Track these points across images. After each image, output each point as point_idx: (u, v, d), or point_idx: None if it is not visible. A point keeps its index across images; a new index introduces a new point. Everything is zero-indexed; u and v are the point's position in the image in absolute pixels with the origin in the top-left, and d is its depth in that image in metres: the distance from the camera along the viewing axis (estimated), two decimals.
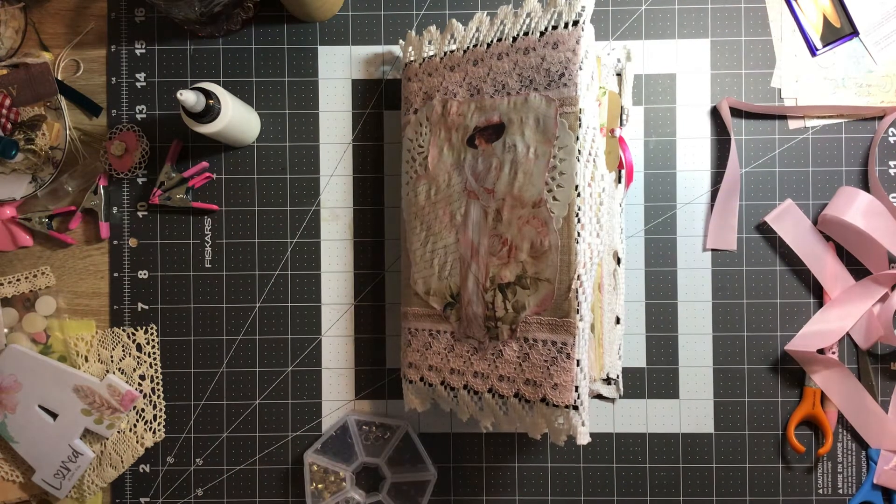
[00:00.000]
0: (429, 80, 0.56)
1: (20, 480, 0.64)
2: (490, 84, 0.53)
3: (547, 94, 0.50)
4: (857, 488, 0.62)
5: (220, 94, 0.55)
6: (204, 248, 0.63)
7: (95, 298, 0.64)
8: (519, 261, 0.50)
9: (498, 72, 0.53)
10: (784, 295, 0.62)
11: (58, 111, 0.63)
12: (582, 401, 0.48)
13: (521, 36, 0.52)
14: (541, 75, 0.50)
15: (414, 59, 0.57)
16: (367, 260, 0.63)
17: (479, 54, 0.54)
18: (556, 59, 0.50)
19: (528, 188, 0.50)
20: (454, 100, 0.55)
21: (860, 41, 0.62)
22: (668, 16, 0.62)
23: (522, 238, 0.50)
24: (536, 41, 0.51)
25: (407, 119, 0.57)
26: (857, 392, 0.60)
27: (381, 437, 0.61)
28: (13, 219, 0.63)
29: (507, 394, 0.51)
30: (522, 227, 0.50)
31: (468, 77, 0.54)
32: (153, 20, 0.64)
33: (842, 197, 0.60)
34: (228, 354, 0.63)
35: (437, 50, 0.56)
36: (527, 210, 0.50)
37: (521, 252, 0.50)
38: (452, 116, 0.55)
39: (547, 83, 0.50)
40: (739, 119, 0.62)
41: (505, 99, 0.52)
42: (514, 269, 0.51)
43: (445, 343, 0.54)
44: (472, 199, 0.53)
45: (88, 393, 0.62)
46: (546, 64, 0.50)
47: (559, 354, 0.48)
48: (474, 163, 0.53)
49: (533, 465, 0.62)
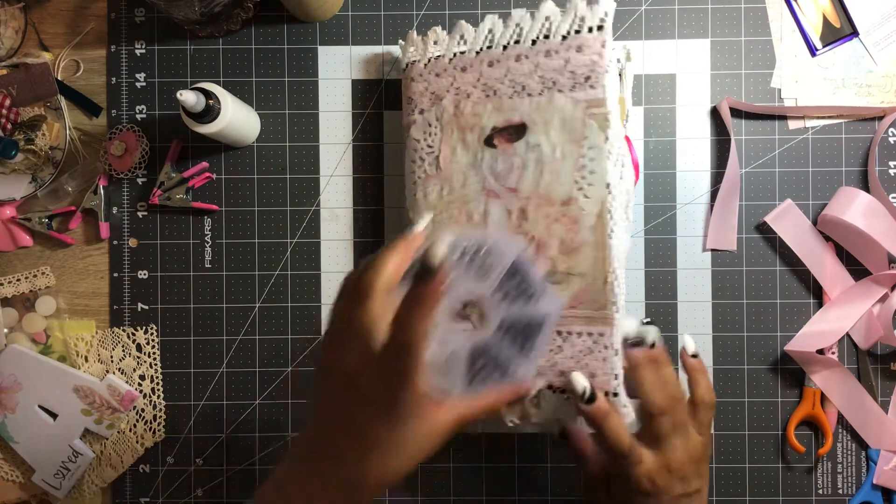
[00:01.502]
0: (437, 81, 0.56)
1: (20, 480, 0.64)
2: (508, 85, 0.53)
3: (573, 96, 0.51)
4: (856, 488, 0.62)
5: (219, 94, 0.55)
6: (204, 248, 0.63)
7: (95, 298, 0.64)
8: (548, 257, 0.51)
9: (517, 73, 0.53)
10: (784, 295, 0.62)
11: (58, 111, 0.63)
12: (620, 386, 0.49)
13: (542, 39, 0.52)
14: (565, 77, 0.51)
15: (418, 58, 0.57)
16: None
17: (495, 56, 0.54)
18: (581, 62, 0.51)
19: (556, 187, 0.51)
20: (468, 100, 0.55)
21: (860, 41, 0.62)
22: (667, 16, 0.62)
23: (551, 236, 0.51)
24: (559, 44, 0.51)
25: (412, 119, 0.57)
26: (857, 392, 0.61)
27: (483, 265, 0.47)
28: (13, 219, 0.63)
29: (539, 387, 0.51)
30: (551, 226, 0.51)
31: (483, 78, 0.54)
32: (153, 20, 0.64)
33: (841, 197, 0.60)
34: (228, 355, 0.63)
35: (444, 51, 0.56)
36: (555, 208, 0.51)
37: (549, 249, 0.51)
38: (466, 116, 0.55)
39: (572, 85, 0.51)
40: (739, 119, 0.62)
41: (526, 100, 0.53)
42: (542, 265, 0.51)
43: None
44: (491, 198, 0.53)
45: (88, 393, 0.62)
46: (570, 66, 0.51)
47: (595, 345, 0.49)
48: (494, 162, 0.53)
49: (533, 465, 0.62)
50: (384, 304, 0.38)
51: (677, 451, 0.46)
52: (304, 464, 0.40)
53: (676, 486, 0.46)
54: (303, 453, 0.40)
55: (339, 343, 0.39)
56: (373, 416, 0.38)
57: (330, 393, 0.40)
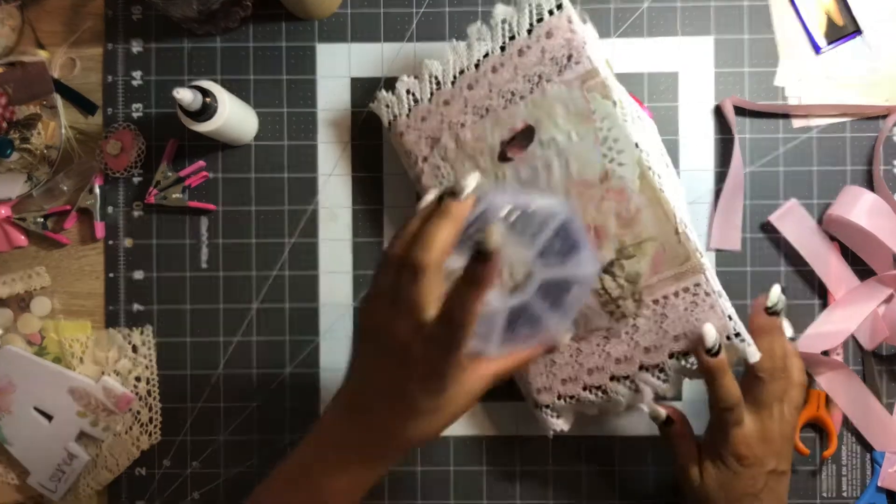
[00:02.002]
0: (426, 125, 0.56)
1: (15, 483, 0.63)
2: (497, 98, 0.53)
3: (563, 79, 0.50)
4: (861, 491, 0.61)
5: (217, 92, 0.55)
6: (200, 248, 0.63)
7: (91, 299, 0.63)
8: (611, 236, 0.50)
9: (500, 83, 0.52)
10: (789, 296, 0.61)
11: (53, 110, 0.63)
12: (738, 324, 0.48)
13: (509, 42, 0.52)
14: (547, 67, 0.50)
15: (397, 113, 0.57)
16: (366, 260, 0.63)
17: (472, 77, 0.53)
18: (555, 45, 0.50)
19: (587, 169, 0.50)
20: (464, 129, 0.54)
21: (864, 40, 0.62)
22: (670, 13, 0.62)
23: (605, 215, 0.50)
24: (527, 39, 0.51)
25: (420, 170, 0.57)
26: (862, 394, 0.60)
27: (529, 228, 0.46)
28: (8, 218, 0.63)
29: (659, 361, 0.50)
30: (601, 206, 0.50)
31: (469, 102, 0.54)
32: (150, 18, 0.63)
33: (846, 196, 0.60)
34: (225, 356, 0.63)
35: (420, 95, 0.56)
36: (596, 189, 0.50)
37: (609, 228, 0.50)
38: (470, 144, 0.54)
39: (558, 70, 0.50)
40: (743, 118, 0.62)
41: (520, 104, 0.52)
42: (609, 245, 0.50)
43: (570, 350, 0.53)
44: None
45: (84, 395, 0.61)
46: (548, 54, 0.50)
47: (696, 297, 0.49)
48: (516, 174, 0.53)
49: (533, 467, 0.61)
50: (437, 281, 0.39)
51: (774, 423, 0.49)
52: (347, 412, 0.44)
53: (769, 460, 0.49)
54: (346, 402, 0.44)
55: (387, 313, 0.41)
56: (417, 385, 0.41)
57: (377, 355, 0.42)
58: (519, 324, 0.43)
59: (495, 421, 0.62)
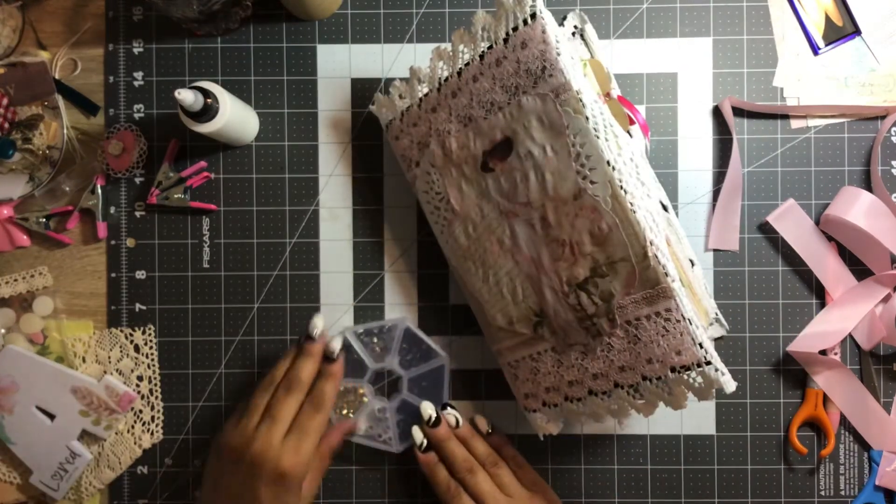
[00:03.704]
0: (416, 131, 0.56)
1: (17, 482, 0.63)
2: (478, 107, 0.52)
3: (537, 92, 0.49)
4: (859, 490, 0.61)
5: (218, 92, 0.55)
6: (202, 248, 0.63)
7: (93, 299, 0.63)
8: (585, 254, 0.50)
9: (480, 93, 0.52)
10: (786, 295, 0.61)
11: (55, 110, 0.63)
12: (709, 353, 0.47)
13: (487, 50, 0.51)
14: (523, 78, 0.50)
15: (393, 116, 0.57)
16: (366, 260, 0.63)
17: (455, 85, 0.53)
18: (530, 56, 0.49)
19: (562, 185, 0.50)
20: (450, 136, 0.54)
21: (862, 40, 0.62)
22: (669, 14, 0.62)
23: (579, 232, 0.50)
24: (504, 49, 0.50)
25: (413, 174, 0.57)
26: (860, 393, 0.60)
27: (383, 345, 0.61)
28: (10, 219, 0.63)
29: (634, 381, 0.50)
30: (575, 222, 0.50)
31: (454, 110, 0.54)
32: (151, 19, 0.63)
33: (844, 197, 0.60)
34: (227, 355, 0.63)
35: (411, 100, 0.56)
36: (570, 205, 0.50)
37: (584, 245, 0.50)
38: (455, 152, 0.54)
39: (533, 82, 0.49)
40: (741, 118, 0.62)
41: (499, 114, 0.51)
42: (584, 263, 0.50)
43: (552, 361, 0.54)
44: (511, 219, 0.52)
45: (86, 394, 0.61)
46: (523, 66, 0.49)
47: (668, 322, 0.48)
48: (497, 185, 0.53)
49: (534, 467, 0.61)
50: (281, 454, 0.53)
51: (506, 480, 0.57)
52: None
53: None
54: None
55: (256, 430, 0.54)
56: None
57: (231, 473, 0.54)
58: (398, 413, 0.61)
59: (495, 420, 0.62)
